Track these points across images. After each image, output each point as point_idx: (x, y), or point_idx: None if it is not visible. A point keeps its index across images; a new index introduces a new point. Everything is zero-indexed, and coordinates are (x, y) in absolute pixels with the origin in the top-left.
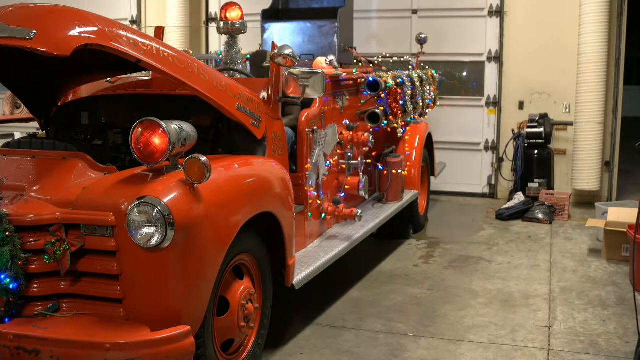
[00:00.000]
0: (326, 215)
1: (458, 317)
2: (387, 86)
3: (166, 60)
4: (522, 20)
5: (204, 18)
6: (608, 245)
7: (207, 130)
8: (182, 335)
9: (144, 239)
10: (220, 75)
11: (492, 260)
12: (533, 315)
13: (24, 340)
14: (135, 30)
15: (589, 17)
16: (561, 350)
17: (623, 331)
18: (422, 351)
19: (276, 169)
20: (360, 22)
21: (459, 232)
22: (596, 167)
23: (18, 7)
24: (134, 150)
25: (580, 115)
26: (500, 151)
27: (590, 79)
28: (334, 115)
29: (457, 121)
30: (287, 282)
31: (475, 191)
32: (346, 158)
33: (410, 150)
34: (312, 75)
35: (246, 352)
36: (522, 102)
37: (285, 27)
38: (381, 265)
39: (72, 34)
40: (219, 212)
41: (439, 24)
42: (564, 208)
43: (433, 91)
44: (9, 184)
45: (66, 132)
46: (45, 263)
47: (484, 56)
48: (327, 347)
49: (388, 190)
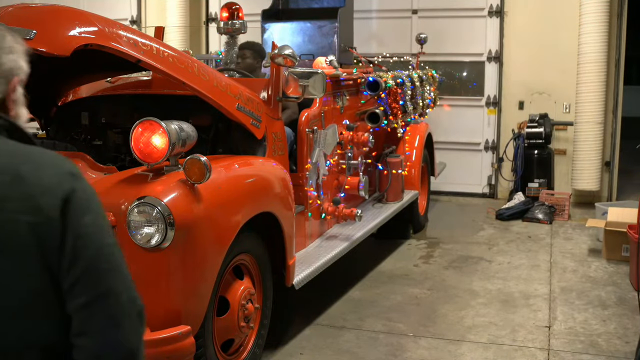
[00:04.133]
0: (326, 215)
1: (458, 317)
2: (387, 86)
3: (166, 60)
4: (522, 20)
5: (204, 18)
6: (608, 245)
7: (207, 130)
8: (182, 335)
9: (144, 239)
10: (220, 75)
11: (492, 260)
12: (533, 315)
13: None
14: (135, 30)
15: (589, 17)
16: (561, 350)
17: (623, 331)
18: (422, 351)
19: (276, 169)
20: (360, 22)
21: (459, 232)
22: (596, 167)
23: (18, 7)
24: (134, 150)
25: (580, 115)
26: (500, 151)
27: (590, 79)
28: (334, 115)
29: (457, 121)
30: (287, 282)
31: (475, 191)
32: (346, 158)
33: (410, 150)
34: (312, 75)
35: (246, 352)
36: (522, 102)
37: (285, 27)
38: (381, 265)
39: (72, 34)
40: (219, 212)
41: (439, 24)
42: (564, 208)
43: (433, 91)
44: None
45: (66, 132)
46: None
47: (484, 56)
48: (327, 347)
49: (388, 190)
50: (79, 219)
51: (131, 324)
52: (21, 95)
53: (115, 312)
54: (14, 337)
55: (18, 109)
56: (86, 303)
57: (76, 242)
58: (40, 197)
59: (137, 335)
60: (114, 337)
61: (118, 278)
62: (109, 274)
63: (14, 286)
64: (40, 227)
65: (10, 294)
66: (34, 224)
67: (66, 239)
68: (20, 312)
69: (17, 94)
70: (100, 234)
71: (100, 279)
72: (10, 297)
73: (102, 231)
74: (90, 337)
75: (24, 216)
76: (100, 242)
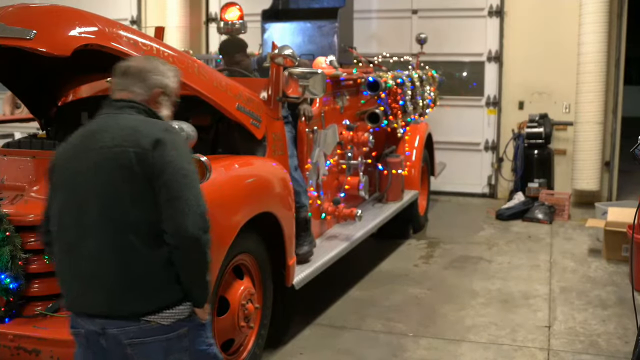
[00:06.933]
0: (326, 215)
1: (458, 317)
2: (387, 86)
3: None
4: (522, 20)
5: (204, 18)
6: (608, 245)
7: (207, 130)
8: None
9: None
10: (220, 75)
11: (492, 260)
12: (533, 315)
13: (24, 340)
14: (135, 30)
15: (589, 17)
16: (561, 350)
17: (623, 331)
18: (422, 351)
19: (276, 169)
20: (360, 22)
21: (459, 232)
22: (596, 167)
23: (18, 7)
24: None
25: (580, 115)
26: (500, 151)
27: (590, 79)
28: (334, 115)
29: (457, 121)
30: (287, 282)
31: (475, 191)
32: (346, 158)
33: (410, 150)
34: (312, 75)
35: (246, 352)
36: (522, 102)
37: (285, 27)
38: (381, 265)
39: (72, 34)
40: (219, 212)
41: (439, 24)
42: (564, 208)
43: (433, 91)
44: (9, 184)
45: (66, 132)
46: (45, 263)
47: (483, 56)
48: (327, 347)
49: (388, 190)
50: (165, 151)
51: (194, 217)
52: (165, 101)
53: (183, 208)
54: (134, 215)
55: (160, 109)
56: (166, 200)
57: (163, 164)
58: (142, 139)
59: (198, 226)
60: (182, 223)
61: (188, 188)
62: (182, 185)
63: (128, 187)
64: (141, 155)
65: (128, 190)
66: (137, 153)
67: (155, 162)
68: (135, 201)
69: (160, 100)
70: (180, 161)
71: (176, 187)
72: (127, 192)
73: (182, 160)
74: (169, 221)
75: (132, 148)
76: (179, 166)
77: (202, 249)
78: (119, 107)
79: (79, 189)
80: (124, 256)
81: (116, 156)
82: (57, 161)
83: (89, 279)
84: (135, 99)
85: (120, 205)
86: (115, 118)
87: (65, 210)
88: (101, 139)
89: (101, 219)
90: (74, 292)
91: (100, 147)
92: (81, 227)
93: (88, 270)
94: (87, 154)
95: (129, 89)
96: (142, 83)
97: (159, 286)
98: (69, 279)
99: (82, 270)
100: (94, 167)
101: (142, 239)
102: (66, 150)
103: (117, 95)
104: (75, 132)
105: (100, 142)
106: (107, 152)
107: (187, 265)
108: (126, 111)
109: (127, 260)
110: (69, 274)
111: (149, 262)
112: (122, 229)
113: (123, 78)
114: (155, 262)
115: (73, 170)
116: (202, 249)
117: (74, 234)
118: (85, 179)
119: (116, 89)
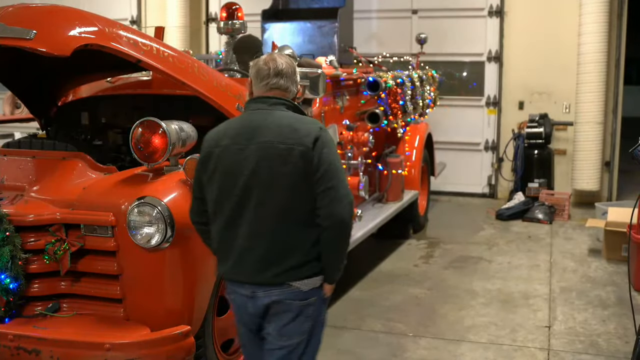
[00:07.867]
0: None
1: (458, 317)
2: (387, 86)
3: (166, 60)
4: (522, 20)
5: (204, 18)
6: (608, 245)
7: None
8: (182, 335)
9: (144, 239)
10: (220, 75)
11: (492, 260)
12: (533, 315)
13: (24, 340)
14: (135, 30)
15: (589, 17)
16: (561, 350)
17: (623, 331)
18: (422, 351)
19: None
20: (360, 22)
21: (459, 232)
22: (596, 167)
23: (18, 7)
24: (134, 150)
25: (580, 115)
26: (500, 151)
27: (590, 79)
28: (334, 115)
29: (457, 121)
30: None
31: (475, 191)
32: (346, 158)
33: (410, 150)
34: (312, 75)
35: None
36: (522, 102)
37: (285, 27)
38: (381, 265)
39: (72, 34)
40: None
41: (439, 24)
42: (564, 208)
43: (433, 91)
44: (9, 184)
45: (66, 132)
46: (45, 263)
47: (484, 56)
48: (327, 347)
49: (388, 190)
50: (322, 149)
51: (343, 205)
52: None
53: (335, 196)
54: (296, 201)
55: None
56: (322, 190)
57: (319, 160)
58: (304, 138)
59: (347, 211)
60: (334, 209)
61: (339, 180)
62: (334, 178)
63: (291, 178)
64: (304, 152)
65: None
66: (301, 151)
67: (314, 158)
68: (294, 190)
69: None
70: (332, 157)
71: (329, 179)
72: (290, 182)
73: (333, 156)
74: (323, 208)
75: (297, 147)
76: (332, 161)
77: (348, 230)
78: (272, 103)
79: (240, 177)
80: (282, 236)
81: (280, 152)
82: (213, 149)
83: (245, 253)
84: (287, 97)
85: (281, 194)
86: (271, 115)
87: (225, 194)
88: (262, 134)
89: (262, 204)
90: (230, 264)
91: (263, 141)
92: (242, 210)
93: (245, 246)
94: (248, 146)
95: (282, 88)
96: (294, 83)
97: (308, 260)
98: (227, 253)
99: (240, 245)
100: (257, 159)
101: (297, 222)
102: (221, 140)
103: (268, 92)
104: (226, 124)
105: (262, 136)
106: (270, 147)
107: (333, 244)
108: (278, 108)
109: (284, 239)
110: (227, 249)
111: (304, 239)
112: (282, 214)
113: (278, 77)
114: (308, 239)
115: (234, 159)
116: (348, 231)
117: (235, 215)
118: (248, 168)
119: (267, 87)
